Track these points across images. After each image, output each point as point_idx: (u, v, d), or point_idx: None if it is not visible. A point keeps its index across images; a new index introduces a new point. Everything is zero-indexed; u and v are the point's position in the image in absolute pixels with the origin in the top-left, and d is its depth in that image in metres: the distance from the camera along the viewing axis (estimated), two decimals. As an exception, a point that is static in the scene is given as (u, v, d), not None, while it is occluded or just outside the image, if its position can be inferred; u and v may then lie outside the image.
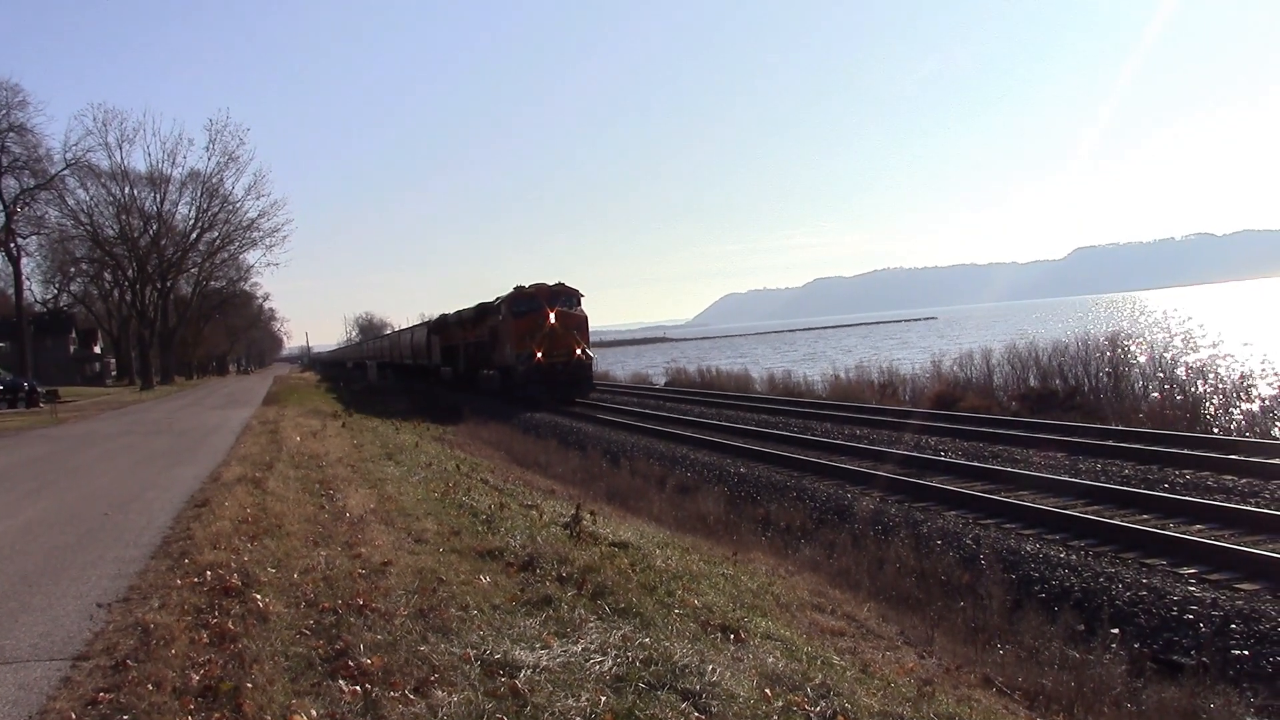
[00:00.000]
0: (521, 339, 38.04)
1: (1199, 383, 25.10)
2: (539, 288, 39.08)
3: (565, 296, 39.17)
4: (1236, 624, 8.64)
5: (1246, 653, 8.25)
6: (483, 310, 44.41)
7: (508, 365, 39.63)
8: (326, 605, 6.93)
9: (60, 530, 11.22)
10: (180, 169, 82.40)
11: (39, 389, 51.19)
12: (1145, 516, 12.42)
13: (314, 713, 4.99)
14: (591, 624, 6.61)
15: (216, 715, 5.03)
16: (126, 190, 79.08)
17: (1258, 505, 12.64)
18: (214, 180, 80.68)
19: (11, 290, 76.10)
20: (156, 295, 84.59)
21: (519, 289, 39.53)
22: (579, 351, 38.42)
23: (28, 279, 78.37)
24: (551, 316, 37.96)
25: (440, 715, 4.93)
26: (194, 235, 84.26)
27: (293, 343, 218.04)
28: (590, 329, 41.09)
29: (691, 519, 14.99)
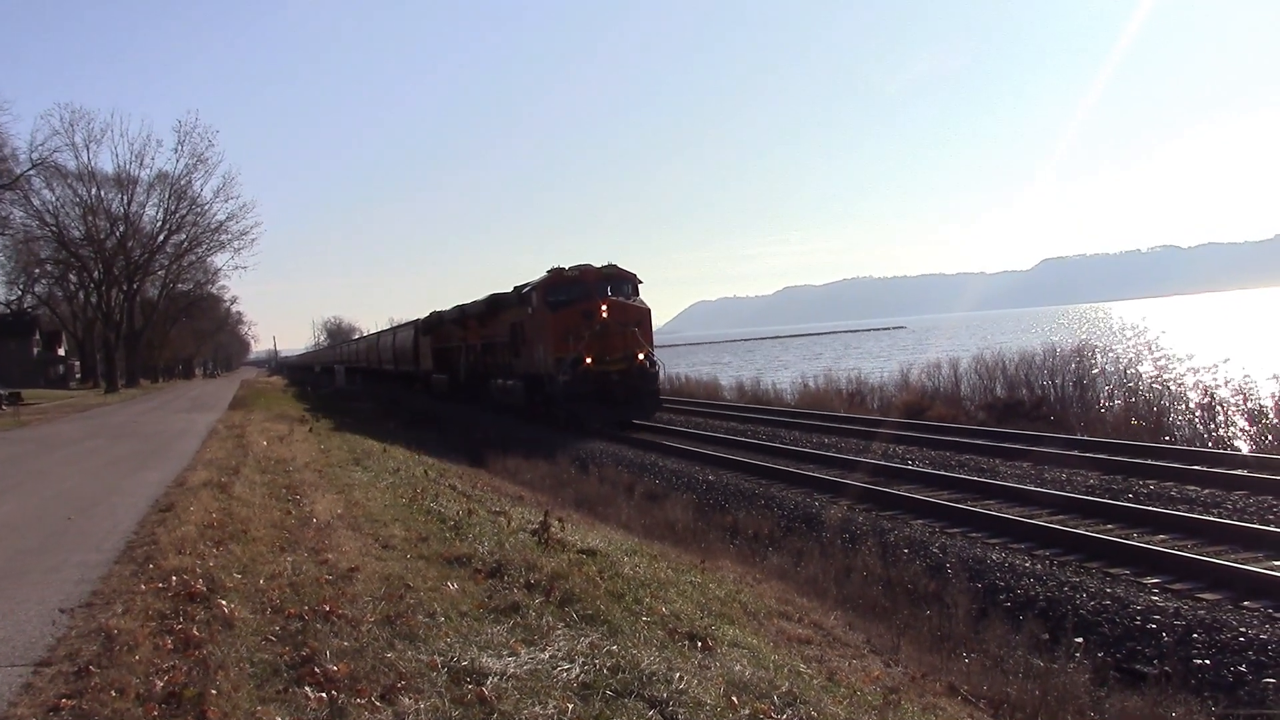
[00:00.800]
0: (562, 339, 28.58)
1: (1160, 393, 25.41)
2: (585, 270, 30.05)
3: (619, 282, 30.07)
4: (1199, 634, 8.74)
5: (1208, 662, 8.34)
6: (497, 303, 35.38)
7: (539, 374, 30.96)
8: (292, 611, 6.89)
9: (22, 534, 11.10)
10: (148, 170, 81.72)
11: (1, 391, 50.62)
12: (1109, 526, 12.55)
13: (279, 720, 4.96)
14: (559, 631, 6.60)
15: (180, 722, 4.99)
16: (93, 191, 78.61)
17: (1220, 516, 12.80)
18: (182, 182, 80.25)
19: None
20: (122, 297, 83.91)
21: (556, 272, 30.64)
22: (641, 356, 28.62)
23: (-9, 280, 77.54)
24: (604, 309, 28.42)
25: (407, 722, 4.92)
26: (161, 237, 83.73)
27: (260, 346, 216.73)
28: None
29: (660, 526, 15.00)
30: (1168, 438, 22.10)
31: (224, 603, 7.06)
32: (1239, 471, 15.46)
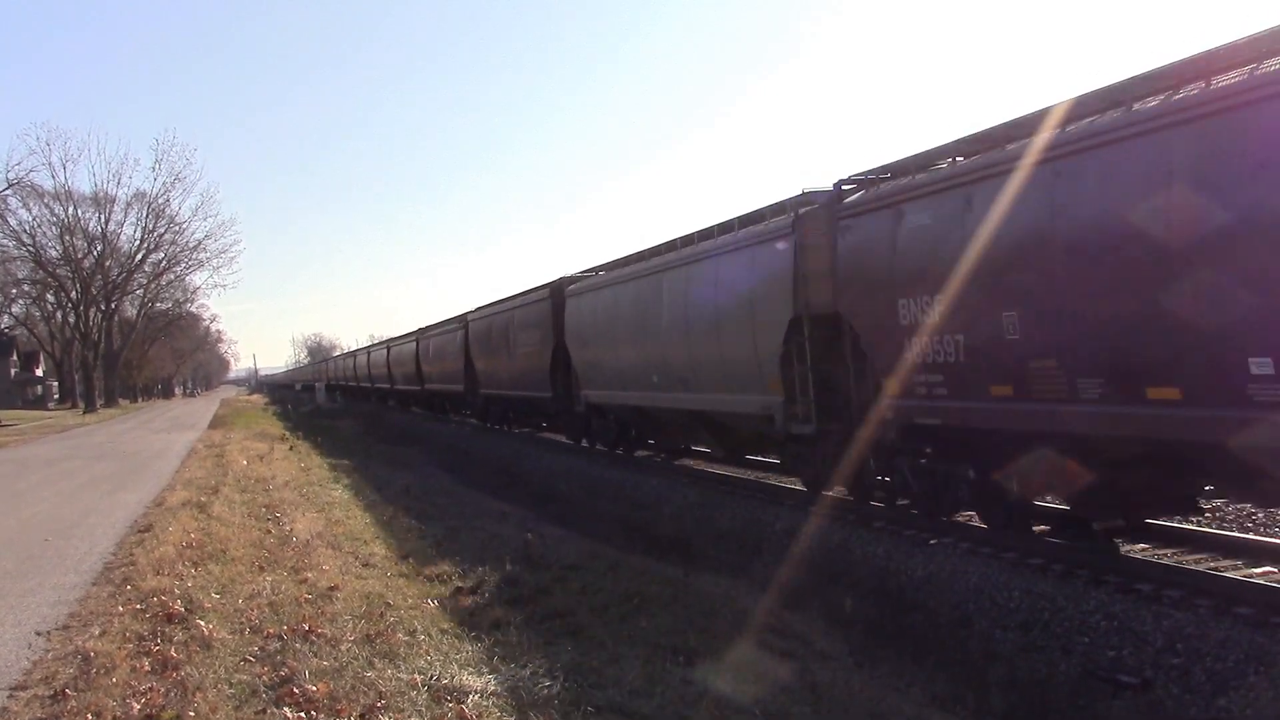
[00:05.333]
0: None
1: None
2: None
3: None
4: (1180, 643, 8.75)
5: (1190, 669, 8.35)
6: None
7: None
8: (272, 631, 6.86)
9: (-2, 557, 11.00)
10: (126, 189, 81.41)
11: (-22, 413, 50.26)
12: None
13: (258, 741, 4.93)
14: (541, 647, 6.58)
15: (158, 745, 4.95)
16: (70, 210, 78.01)
17: (1199, 524, 12.83)
18: (160, 200, 79.58)
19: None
20: (100, 317, 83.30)
21: None
22: None
23: (-33, 301, 77.10)
24: None
25: (387, 742, 4.89)
26: (139, 256, 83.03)
27: (240, 365, 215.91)
28: None
29: (644, 541, 14.96)
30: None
31: (202, 623, 7.02)
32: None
